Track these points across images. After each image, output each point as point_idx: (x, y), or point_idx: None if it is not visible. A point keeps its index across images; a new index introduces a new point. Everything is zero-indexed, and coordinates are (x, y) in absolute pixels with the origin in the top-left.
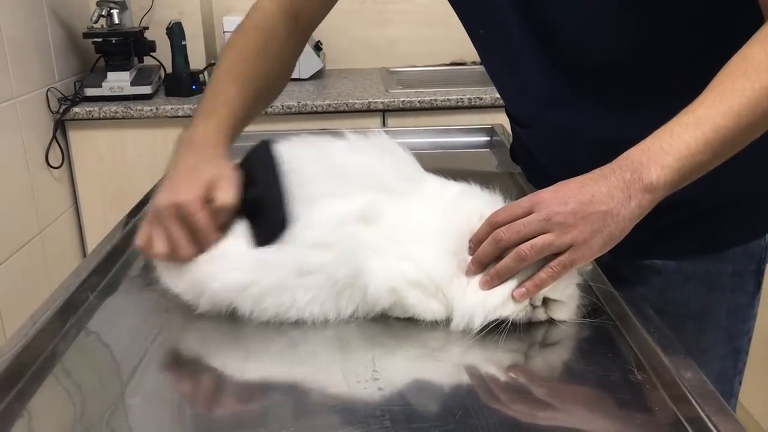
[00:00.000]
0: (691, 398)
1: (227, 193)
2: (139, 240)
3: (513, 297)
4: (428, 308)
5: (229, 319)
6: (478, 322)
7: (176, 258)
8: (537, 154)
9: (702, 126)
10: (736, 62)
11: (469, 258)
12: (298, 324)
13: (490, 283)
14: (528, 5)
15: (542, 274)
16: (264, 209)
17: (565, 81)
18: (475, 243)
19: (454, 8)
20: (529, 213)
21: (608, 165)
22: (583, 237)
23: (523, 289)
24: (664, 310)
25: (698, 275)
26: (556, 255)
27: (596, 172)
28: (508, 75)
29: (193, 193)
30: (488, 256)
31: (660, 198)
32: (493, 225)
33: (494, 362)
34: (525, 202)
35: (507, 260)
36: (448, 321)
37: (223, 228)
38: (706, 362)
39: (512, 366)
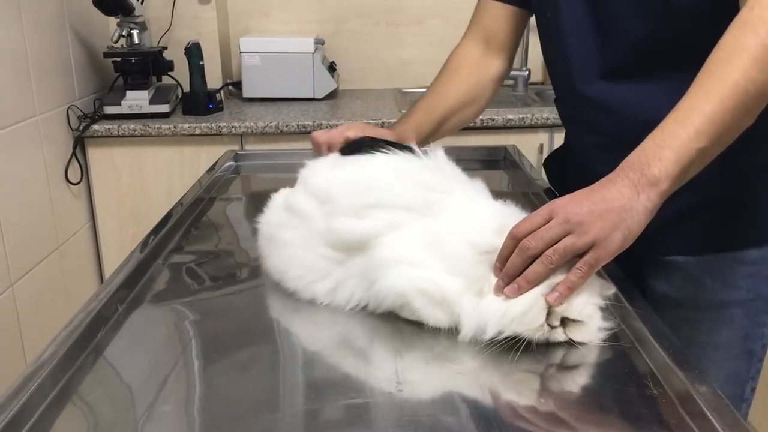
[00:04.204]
0: (706, 412)
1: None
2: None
3: (547, 302)
4: (432, 315)
5: (256, 325)
6: (491, 333)
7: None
8: (574, 138)
9: (690, 115)
10: (713, 53)
11: (489, 274)
12: (322, 332)
13: (519, 291)
14: None
15: (571, 276)
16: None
17: (615, 55)
18: (501, 261)
19: None
20: (549, 220)
21: (612, 173)
22: (604, 234)
23: (557, 294)
24: (681, 304)
25: (715, 271)
26: (581, 257)
27: (602, 180)
28: (568, 47)
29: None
30: (518, 268)
31: (667, 190)
32: (516, 238)
33: (513, 378)
34: (543, 210)
35: (535, 266)
36: (459, 331)
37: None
38: (719, 360)
39: (531, 382)
